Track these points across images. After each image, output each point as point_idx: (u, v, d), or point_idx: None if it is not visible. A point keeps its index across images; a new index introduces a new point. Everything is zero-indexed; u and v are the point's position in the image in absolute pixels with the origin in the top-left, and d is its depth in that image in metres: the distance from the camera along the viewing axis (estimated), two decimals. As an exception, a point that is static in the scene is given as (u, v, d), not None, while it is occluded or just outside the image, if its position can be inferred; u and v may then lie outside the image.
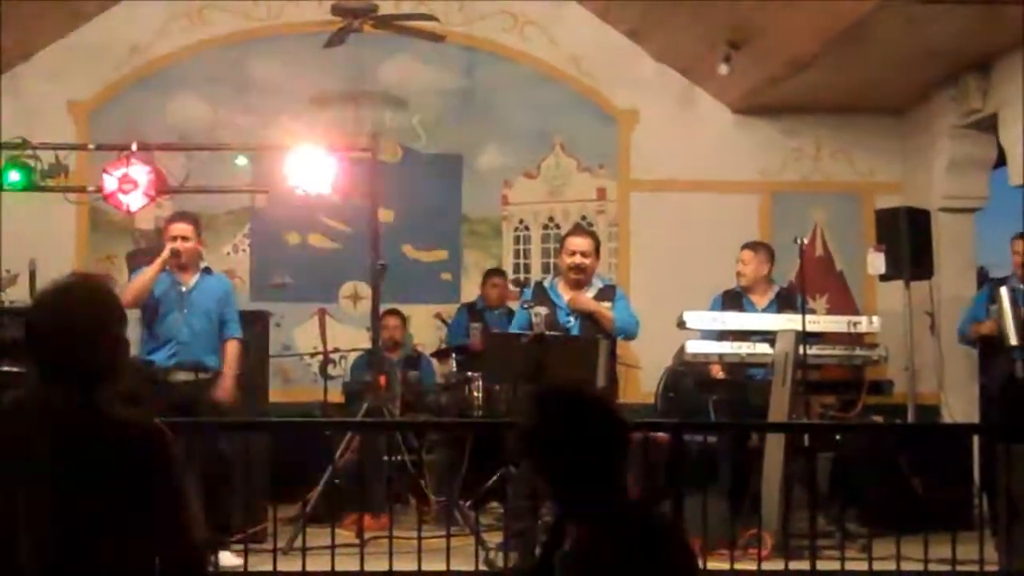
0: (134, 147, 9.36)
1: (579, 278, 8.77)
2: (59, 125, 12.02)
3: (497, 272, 12.33)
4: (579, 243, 8.86)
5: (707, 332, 9.35)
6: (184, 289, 9.03)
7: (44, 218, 11.55)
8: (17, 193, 9.52)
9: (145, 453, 3.29)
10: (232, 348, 9.17)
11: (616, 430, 3.74)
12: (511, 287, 11.87)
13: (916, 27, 9.95)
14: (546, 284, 9.02)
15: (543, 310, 8.48)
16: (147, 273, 8.97)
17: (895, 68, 11.18)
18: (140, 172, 9.30)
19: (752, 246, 10.07)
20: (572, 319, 8.66)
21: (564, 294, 8.77)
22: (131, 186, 9.28)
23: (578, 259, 8.76)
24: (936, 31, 10.04)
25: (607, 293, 8.88)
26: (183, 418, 8.41)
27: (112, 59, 12.70)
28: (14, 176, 9.35)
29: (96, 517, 3.21)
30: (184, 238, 9.04)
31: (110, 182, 9.31)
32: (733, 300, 9.77)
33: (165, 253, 8.97)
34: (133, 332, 10.16)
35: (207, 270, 9.28)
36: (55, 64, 12.62)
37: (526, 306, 8.57)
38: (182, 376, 8.92)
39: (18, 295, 10.18)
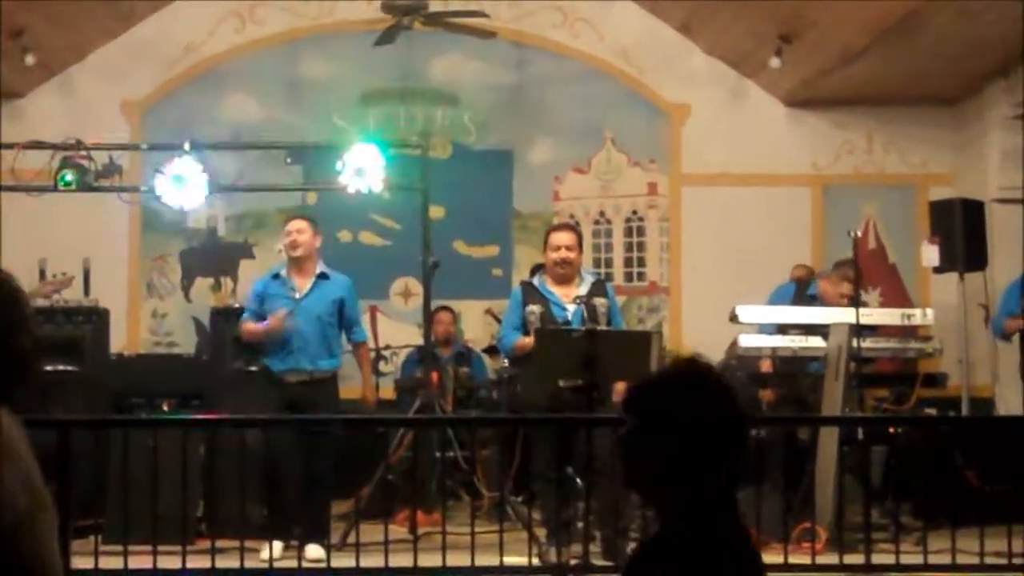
0: (187, 146, 9.37)
1: (565, 272, 8.82)
2: (113, 124, 12.12)
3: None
4: (562, 238, 8.94)
5: (763, 326, 9.35)
6: (297, 296, 9.04)
7: (98, 217, 11.66)
8: (71, 193, 9.54)
9: None
10: (364, 353, 9.44)
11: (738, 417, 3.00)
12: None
13: (967, 18, 9.90)
14: (535, 282, 9.03)
15: (537, 308, 8.69)
16: (258, 329, 9.03)
17: (947, 59, 11.12)
18: (193, 171, 9.30)
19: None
20: (568, 311, 8.68)
21: (553, 289, 8.80)
22: (184, 185, 9.26)
23: (563, 253, 8.81)
24: (988, 22, 9.98)
25: (600, 288, 8.90)
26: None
27: (165, 58, 12.78)
28: (68, 176, 9.36)
29: None
30: (299, 231, 9.11)
31: (163, 181, 9.31)
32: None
33: (275, 324, 8.90)
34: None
35: (323, 275, 9.20)
36: (109, 64, 12.71)
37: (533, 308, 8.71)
38: (295, 377, 8.94)
39: (72, 295, 10.25)
